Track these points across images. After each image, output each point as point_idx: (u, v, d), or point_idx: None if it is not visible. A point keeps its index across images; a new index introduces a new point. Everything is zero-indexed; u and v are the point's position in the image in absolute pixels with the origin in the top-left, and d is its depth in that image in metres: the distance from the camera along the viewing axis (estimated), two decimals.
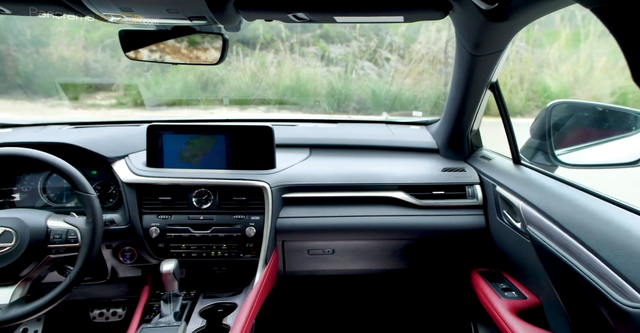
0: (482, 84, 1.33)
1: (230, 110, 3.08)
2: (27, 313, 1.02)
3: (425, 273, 1.72)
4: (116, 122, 1.79)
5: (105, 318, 1.83)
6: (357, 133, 1.80)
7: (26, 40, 3.17)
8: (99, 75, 3.52)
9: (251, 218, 1.38)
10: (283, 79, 3.48)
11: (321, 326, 1.97)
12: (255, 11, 1.01)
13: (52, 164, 1.10)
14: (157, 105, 3.00)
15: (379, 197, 1.46)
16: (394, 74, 3.70)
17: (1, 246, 1.02)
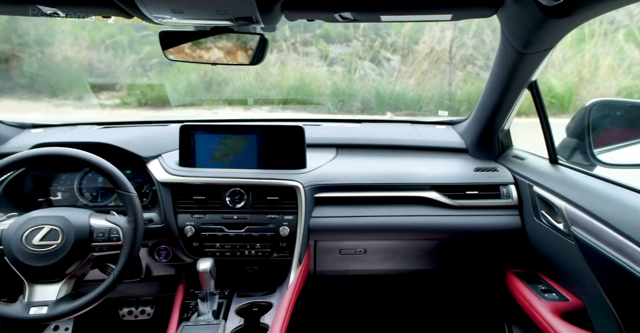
0: (523, 83, 1.32)
1: (234, 109, 3.11)
2: (74, 310, 1.04)
3: (457, 274, 1.73)
4: (143, 122, 1.83)
5: (134, 316, 1.86)
6: (383, 133, 1.81)
7: (30, 40, 3.21)
8: (102, 75, 3.55)
9: (284, 217, 1.39)
10: (286, 78, 3.51)
11: (350, 326, 1.97)
12: (301, 11, 1.03)
13: (95, 163, 1.12)
14: (181, 105, 3.04)
15: (411, 197, 1.46)
16: (397, 74, 3.72)
17: (48, 244, 1.04)
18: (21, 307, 1.02)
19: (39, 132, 1.71)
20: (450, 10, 1.02)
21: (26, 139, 1.63)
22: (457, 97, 3.57)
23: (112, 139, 1.43)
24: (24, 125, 1.73)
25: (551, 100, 3.38)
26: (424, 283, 1.88)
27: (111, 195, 1.48)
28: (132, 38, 3.77)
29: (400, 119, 2.00)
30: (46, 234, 1.05)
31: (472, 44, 3.80)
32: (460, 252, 1.58)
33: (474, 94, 3.59)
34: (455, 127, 1.84)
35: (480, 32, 3.69)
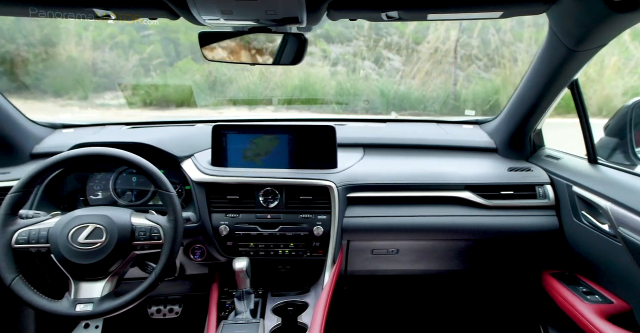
0: (566, 82, 1.32)
1: (238, 109, 3.14)
2: (118, 307, 1.06)
3: (490, 274, 1.72)
4: (170, 122, 1.85)
5: (163, 314, 1.88)
6: (409, 132, 1.81)
7: (35, 40, 3.25)
8: (106, 75, 3.59)
9: (318, 217, 1.40)
10: (290, 78, 3.53)
11: (380, 326, 1.98)
12: (347, 11, 1.03)
13: (137, 163, 1.14)
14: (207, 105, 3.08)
15: (444, 196, 1.46)
16: (402, 74, 3.74)
17: (93, 242, 1.06)
18: (68, 303, 1.05)
19: (69, 132, 1.75)
20: (501, 7, 1.00)
21: (59, 139, 1.67)
22: (462, 97, 3.59)
23: (149, 138, 1.46)
24: (55, 125, 1.77)
25: None
26: (455, 284, 1.89)
27: (145, 195, 1.51)
28: (134, 38, 3.81)
29: (426, 119, 2.00)
30: (91, 232, 1.07)
31: (476, 44, 3.82)
32: (494, 252, 1.57)
33: (479, 94, 3.61)
34: (483, 127, 1.84)
35: (485, 31, 3.71)
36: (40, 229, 1.09)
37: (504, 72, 3.78)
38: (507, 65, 3.76)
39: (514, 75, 3.73)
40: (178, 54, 3.91)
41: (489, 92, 3.59)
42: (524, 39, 3.79)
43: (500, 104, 3.44)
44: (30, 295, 1.04)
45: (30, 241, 1.07)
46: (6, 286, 1.03)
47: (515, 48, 3.80)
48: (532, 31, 3.77)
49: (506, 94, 3.55)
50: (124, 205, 1.48)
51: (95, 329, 1.82)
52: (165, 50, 3.86)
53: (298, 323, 1.24)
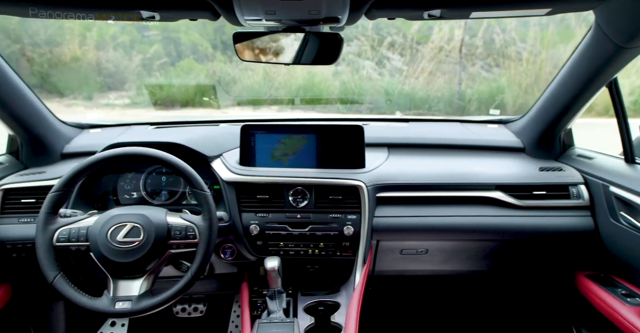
0: (606, 80, 1.31)
1: (243, 109, 3.16)
2: (155, 305, 1.09)
3: (520, 275, 1.72)
4: (193, 122, 1.88)
5: (188, 313, 1.92)
6: (434, 132, 1.81)
7: (40, 41, 3.28)
8: (111, 75, 3.62)
9: (348, 217, 1.41)
10: (295, 78, 3.55)
11: (410, 327, 1.98)
12: (390, 10, 1.03)
13: (174, 163, 1.17)
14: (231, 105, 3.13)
15: (474, 196, 1.46)
16: (406, 74, 3.76)
17: (132, 240, 1.09)
18: (107, 301, 1.08)
19: (97, 132, 1.79)
20: (549, 4, 0.99)
21: (88, 139, 1.70)
22: (467, 97, 3.60)
23: (181, 138, 1.49)
24: (83, 125, 1.81)
25: None
26: (484, 285, 1.88)
27: (174, 195, 1.53)
28: (137, 38, 3.84)
29: (449, 118, 2.00)
30: (129, 231, 1.10)
31: (481, 44, 3.83)
32: (524, 252, 1.57)
33: (483, 94, 3.62)
34: (509, 126, 1.84)
35: (490, 31, 3.72)
36: (80, 228, 1.12)
37: (509, 72, 3.79)
38: (512, 65, 3.77)
39: (519, 74, 3.74)
40: (179, 53, 3.94)
41: (494, 91, 3.60)
42: (528, 38, 3.80)
43: (505, 103, 3.45)
44: (71, 292, 1.07)
45: (70, 239, 1.10)
46: (48, 283, 1.06)
47: (520, 48, 3.81)
48: (537, 31, 3.79)
49: (511, 94, 3.57)
50: (156, 204, 1.50)
51: (122, 327, 1.86)
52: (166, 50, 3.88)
53: (331, 323, 1.25)
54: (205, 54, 3.88)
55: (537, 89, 3.72)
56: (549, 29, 3.68)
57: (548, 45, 3.70)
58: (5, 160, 1.54)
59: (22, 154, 1.58)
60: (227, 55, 3.89)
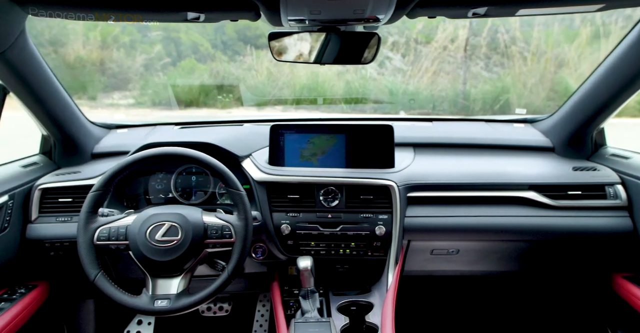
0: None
1: (247, 109, 3.19)
2: (194, 304, 1.10)
3: (554, 276, 1.71)
4: (217, 122, 1.89)
5: (213, 312, 1.94)
6: (460, 131, 1.80)
7: (45, 41, 3.32)
8: (114, 75, 3.65)
9: (379, 217, 1.41)
10: (299, 77, 3.58)
11: (441, 327, 1.98)
12: (435, 8, 1.02)
13: (210, 163, 1.18)
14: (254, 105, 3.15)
15: (507, 196, 1.45)
16: (410, 73, 3.78)
17: (170, 239, 1.10)
18: (147, 299, 1.09)
19: (124, 132, 1.81)
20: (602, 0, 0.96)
21: (116, 139, 1.73)
22: (472, 96, 3.62)
23: (215, 138, 1.50)
24: (110, 125, 1.83)
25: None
26: (516, 285, 1.88)
27: (204, 195, 1.55)
28: (137, 38, 3.88)
29: (474, 118, 1.99)
30: (167, 230, 1.11)
31: (485, 43, 3.86)
32: (558, 253, 1.56)
33: (488, 93, 3.64)
34: (535, 125, 1.83)
35: (495, 31, 3.75)
36: (119, 227, 1.13)
37: (513, 72, 3.81)
38: (517, 64, 3.80)
39: (524, 74, 3.76)
40: (179, 53, 3.97)
41: (498, 91, 3.63)
42: (533, 38, 3.82)
43: (510, 103, 3.48)
44: (112, 290, 1.09)
45: (110, 238, 1.12)
46: (90, 281, 1.08)
47: (524, 48, 3.83)
48: (541, 30, 3.81)
49: (516, 93, 3.59)
50: (187, 204, 1.52)
51: (148, 326, 1.89)
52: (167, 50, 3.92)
53: (367, 323, 1.25)
54: (206, 54, 3.91)
55: (541, 89, 3.75)
56: (554, 28, 3.70)
57: (552, 45, 3.73)
58: (39, 160, 1.57)
59: (55, 154, 1.61)
60: (228, 55, 3.93)
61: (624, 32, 1.41)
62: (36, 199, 1.42)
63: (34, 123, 1.52)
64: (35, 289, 1.39)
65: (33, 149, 1.65)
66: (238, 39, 3.99)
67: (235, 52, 3.90)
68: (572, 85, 3.57)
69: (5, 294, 1.33)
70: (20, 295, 1.33)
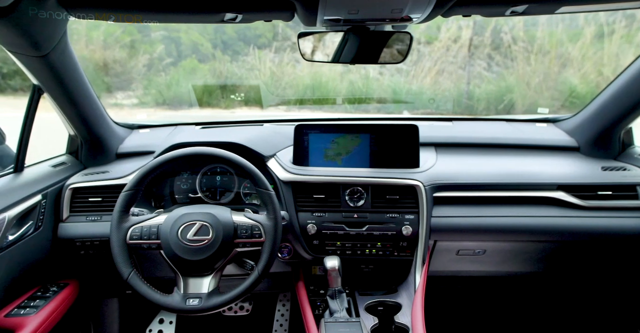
0: None
1: (251, 109, 3.22)
2: (225, 303, 1.12)
3: (582, 277, 1.71)
4: (238, 122, 1.92)
5: (234, 312, 1.97)
6: (482, 131, 1.80)
7: None
8: (117, 75, 3.68)
9: (405, 217, 1.42)
10: (302, 77, 3.61)
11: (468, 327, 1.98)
12: (473, 7, 1.02)
13: (239, 163, 1.20)
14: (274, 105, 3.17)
15: (535, 197, 1.45)
16: (413, 73, 3.81)
17: (201, 239, 1.13)
18: (179, 298, 1.11)
19: (146, 132, 1.84)
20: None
21: (139, 139, 1.76)
22: (476, 96, 3.65)
23: (241, 138, 1.53)
24: (132, 126, 1.86)
25: (572, 99, 3.44)
26: (544, 286, 1.88)
27: (229, 194, 1.57)
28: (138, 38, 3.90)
29: (496, 117, 2.00)
30: (198, 230, 1.13)
31: (489, 43, 3.88)
32: (588, 254, 1.56)
33: (492, 93, 3.66)
34: (559, 125, 1.82)
35: (498, 30, 3.77)
36: (151, 226, 1.16)
37: (517, 72, 3.83)
38: (520, 64, 3.82)
39: (527, 74, 3.78)
40: (180, 53, 4.00)
41: (502, 91, 3.65)
42: (537, 38, 3.85)
43: (514, 103, 3.50)
44: (145, 289, 1.11)
45: (142, 237, 1.14)
46: (123, 280, 1.10)
47: (528, 47, 3.86)
48: (545, 30, 3.83)
49: (520, 93, 3.61)
50: (216, 204, 1.53)
51: (170, 325, 1.92)
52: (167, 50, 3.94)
53: (396, 324, 1.26)
54: (206, 54, 3.93)
55: (545, 88, 3.77)
56: (558, 28, 3.73)
57: (556, 44, 3.75)
58: (67, 160, 1.60)
59: (82, 154, 1.63)
60: (228, 54, 3.95)
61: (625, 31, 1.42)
62: (67, 199, 1.45)
63: (63, 123, 1.55)
64: (67, 287, 1.42)
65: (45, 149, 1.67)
66: (238, 38, 4.01)
67: (236, 52, 3.92)
68: (576, 85, 3.59)
69: (39, 292, 1.36)
70: (53, 293, 1.36)
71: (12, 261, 1.21)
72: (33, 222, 1.31)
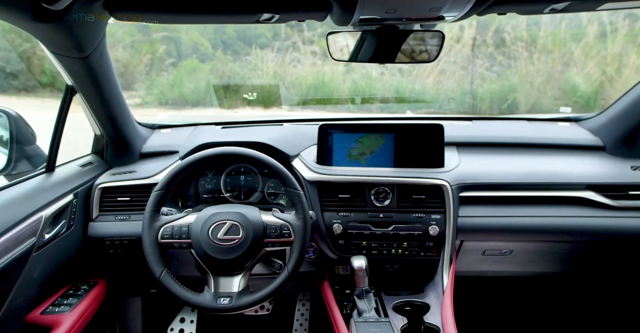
0: None
1: (254, 109, 3.25)
2: (255, 302, 1.13)
3: (610, 277, 1.71)
4: (258, 121, 1.93)
5: (255, 311, 1.97)
6: (503, 130, 1.80)
7: None
8: (120, 75, 3.71)
9: (432, 217, 1.42)
10: (304, 77, 3.64)
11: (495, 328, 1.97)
12: (510, 5, 1.01)
13: (269, 163, 1.22)
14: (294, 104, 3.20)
15: (563, 196, 1.45)
16: (416, 73, 3.84)
17: (232, 238, 1.13)
18: (210, 297, 1.13)
19: (167, 132, 1.86)
20: None
21: (161, 139, 1.78)
22: (479, 96, 3.68)
23: (267, 138, 1.54)
24: (153, 125, 1.88)
25: (576, 99, 3.47)
26: (571, 286, 1.87)
27: (255, 194, 1.59)
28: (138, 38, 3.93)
29: (516, 116, 1.99)
30: (229, 229, 1.15)
31: (492, 43, 3.91)
32: (616, 254, 1.56)
33: (495, 93, 3.69)
34: (582, 124, 1.82)
35: (501, 30, 3.81)
36: (182, 225, 1.17)
37: (520, 71, 3.87)
38: (524, 64, 3.85)
39: (531, 74, 3.82)
40: (180, 53, 4.02)
41: (506, 90, 3.68)
42: (540, 37, 3.88)
43: (517, 102, 3.53)
44: (176, 287, 1.12)
45: (173, 236, 1.15)
46: (155, 279, 1.12)
47: (531, 47, 3.89)
48: (548, 30, 3.87)
49: (524, 93, 3.65)
50: (244, 203, 1.56)
51: (191, 324, 1.94)
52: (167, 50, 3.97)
53: (426, 324, 1.27)
54: (207, 54, 3.96)
55: (548, 88, 3.80)
56: (561, 27, 3.76)
57: (560, 44, 3.78)
58: (93, 160, 1.62)
59: (107, 154, 1.66)
60: (228, 54, 3.98)
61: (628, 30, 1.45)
62: (97, 198, 1.47)
63: (90, 123, 1.57)
64: (97, 286, 1.44)
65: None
66: (237, 38, 4.04)
67: (236, 51, 3.96)
68: (579, 84, 3.62)
69: (71, 290, 1.38)
70: (84, 291, 1.38)
71: (47, 259, 1.23)
72: (65, 221, 1.34)
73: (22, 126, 1.45)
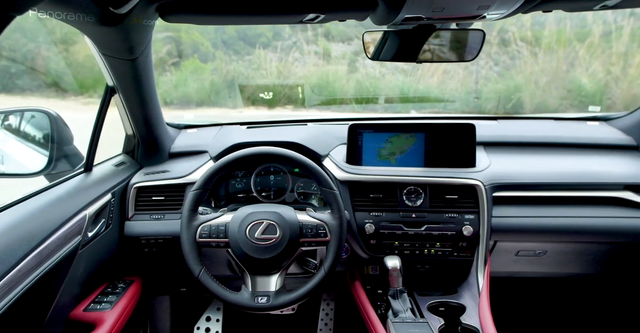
0: None
1: (258, 109, 3.28)
2: (292, 301, 1.14)
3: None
4: (282, 121, 1.94)
5: (280, 310, 2.00)
6: (530, 130, 1.78)
7: (56, 39, 3.42)
8: None
9: (465, 217, 1.42)
10: (308, 77, 3.67)
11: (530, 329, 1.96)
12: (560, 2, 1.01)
13: (304, 163, 1.23)
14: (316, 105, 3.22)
15: (599, 197, 1.44)
16: (420, 73, 3.87)
17: (269, 237, 1.15)
18: (248, 296, 1.14)
19: (194, 132, 1.88)
20: None
21: (188, 139, 1.81)
22: (484, 95, 3.70)
23: (299, 137, 1.57)
24: (179, 125, 1.91)
25: (581, 99, 3.50)
26: (605, 288, 1.87)
27: (288, 194, 1.60)
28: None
29: (543, 116, 1.99)
30: (266, 228, 1.17)
31: (496, 42, 3.94)
32: None
33: (500, 92, 3.72)
34: (612, 123, 1.80)
35: (506, 30, 3.84)
36: (219, 224, 1.19)
37: (525, 71, 3.89)
38: (529, 63, 3.88)
39: (535, 74, 3.84)
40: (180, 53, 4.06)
41: (510, 90, 3.71)
42: (544, 37, 3.91)
43: (522, 102, 3.56)
44: (215, 286, 1.14)
45: (211, 235, 1.18)
46: (194, 277, 1.14)
47: (535, 46, 3.91)
48: (553, 29, 3.89)
49: (529, 92, 3.67)
50: (278, 203, 1.57)
51: (217, 323, 1.97)
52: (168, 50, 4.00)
53: (463, 325, 1.26)
54: (207, 53, 3.99)
55: (553, 87, 3.83)
56: (566, 27, 3.79)
57: (565, 43, 3.81)
58: (125, 159, 1.65)
59: (138, 153, 1.68)
60: (228, 54, 4.01)
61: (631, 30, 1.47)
62: (132, 197, 1.49)
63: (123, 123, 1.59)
64: (133, 284, 1.47)
65: None
66: (238, 37, 4.07)
67: (236, 51, 3.99)
68: (585, 84, 3.65)
69: (109, 288, 1.41)
70: (122, 289, 1.41)
71: (90, 257, 1.26)
72: (105, 220, 1.36)
73: (61, 126, 1.47)
